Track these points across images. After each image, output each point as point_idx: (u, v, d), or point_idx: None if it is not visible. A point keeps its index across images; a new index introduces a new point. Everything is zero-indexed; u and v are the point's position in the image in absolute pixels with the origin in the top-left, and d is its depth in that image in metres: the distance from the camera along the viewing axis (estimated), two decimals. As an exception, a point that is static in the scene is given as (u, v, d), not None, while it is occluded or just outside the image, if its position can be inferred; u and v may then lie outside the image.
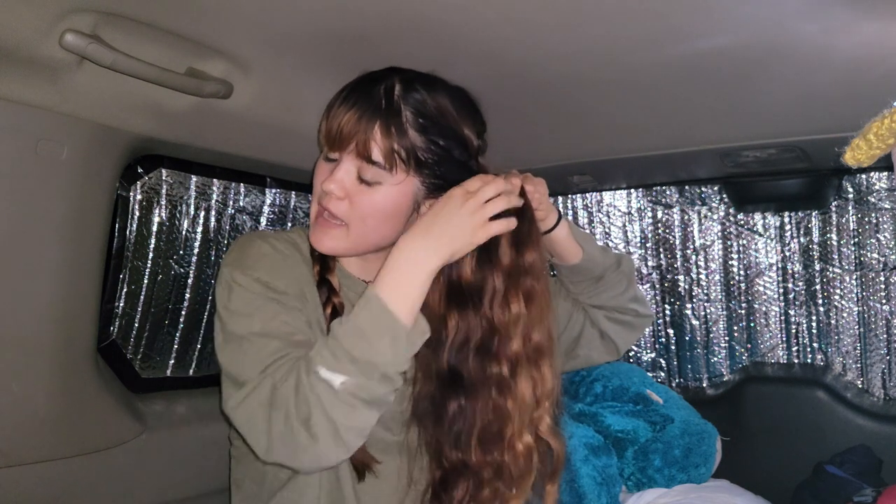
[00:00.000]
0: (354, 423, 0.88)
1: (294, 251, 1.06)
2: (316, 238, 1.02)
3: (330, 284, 1.05)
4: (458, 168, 1.03)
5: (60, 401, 1.13)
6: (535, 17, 0.93)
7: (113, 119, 1.04)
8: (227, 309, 0.98)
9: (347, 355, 0.87)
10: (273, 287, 0.98)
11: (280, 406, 0.88)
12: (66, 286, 1.09)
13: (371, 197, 0.99)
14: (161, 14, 0.96)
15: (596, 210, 2.15)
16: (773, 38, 0.96)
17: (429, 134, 0.99)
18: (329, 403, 0.86)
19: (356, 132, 0.97)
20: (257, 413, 0.89)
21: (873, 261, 1.83)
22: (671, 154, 1.47)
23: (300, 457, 0.89)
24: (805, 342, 1.94)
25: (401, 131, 0.97)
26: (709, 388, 2.05)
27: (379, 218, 1.00)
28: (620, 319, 1.27)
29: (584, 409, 1.84)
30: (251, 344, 0.94)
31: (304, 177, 1.58)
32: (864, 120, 0.66)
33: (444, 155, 1.01)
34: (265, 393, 0.89)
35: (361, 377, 0.87)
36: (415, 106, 0.99)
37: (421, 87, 1.01)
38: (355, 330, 0.89)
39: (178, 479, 1.39)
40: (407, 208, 1.02)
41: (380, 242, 1.04)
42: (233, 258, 1.01)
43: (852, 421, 1.80)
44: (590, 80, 1.15)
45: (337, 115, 0.99)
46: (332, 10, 0.95)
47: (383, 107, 0.97)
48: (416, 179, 1.00)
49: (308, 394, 0.86)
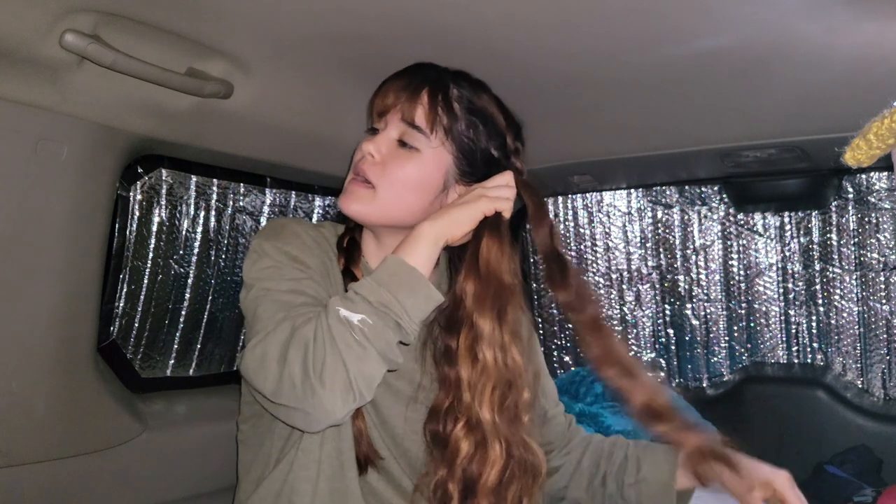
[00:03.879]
0: (365, 368, 0.89)
1: (324, 241, 1.10)
2: (343, 200, 1.06)
3: (354, 276, 1.07)
4: (492, 163, 1.08)
5: (60, 401, 1.13)
6: (536, 17, 0.93)
7: (113, 119, 1.04)
8: (255, 274, 1.01)
9: (364, 300, 0.91)
10: (301, 261, 1.03)
11: (299, 346, 0.89)
12: (66, 286, 1.09)
13: (406, 164, 1.03)
14: (161, 14, 0.96)
15: (596, 210, 2.15)
16: (773, 38, 0.96)
17: (471, 114, 1.05)
18: (344, 344, 0.88)
19: (404, 97, 1.03)
20: (272, 352, 0.90)
21: (873, 261, 1.83)
22: (671, 154, 1.47)
23: (306, 404, 0.88)
24: (805, 342, 1.94)
25: (447, 101, 1.03)
26: (709, 388, 2.05)
27: (408, 186, 1.04)
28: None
29: (584, 409, 1.84)
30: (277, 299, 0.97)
31: (304, 177, 1.58)
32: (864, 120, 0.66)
33: (482, 143, 1.06)
34: (284, 334, 0.91)
35: (378, 319, 0.90)
36: (462, 89, 1.06)
37: (473, 82, 1.08)
38: (375, 280, 0.93)
39: (178, 478, 1.39)
40: (437, 184, 1.05)
41: (403, 216, 1.05)
42: (266, 233, 1.06)
43: (852, 421, 1.80)
44: (590, 80, 1.15)
45: (387, 86, 1.06)
46: (332, 10, 0.95)
47: (434, 78, 1.05)
48: (450, 157, 1.05)
49: (325, 336, 0.88)
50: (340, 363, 0.87)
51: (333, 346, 0.88)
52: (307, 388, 0.87)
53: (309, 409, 0.88)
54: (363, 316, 0.89)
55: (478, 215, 1.02)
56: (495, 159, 1.07)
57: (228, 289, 1.58)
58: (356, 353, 0.88)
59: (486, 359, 0.99)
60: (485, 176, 1.06)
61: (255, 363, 0.92)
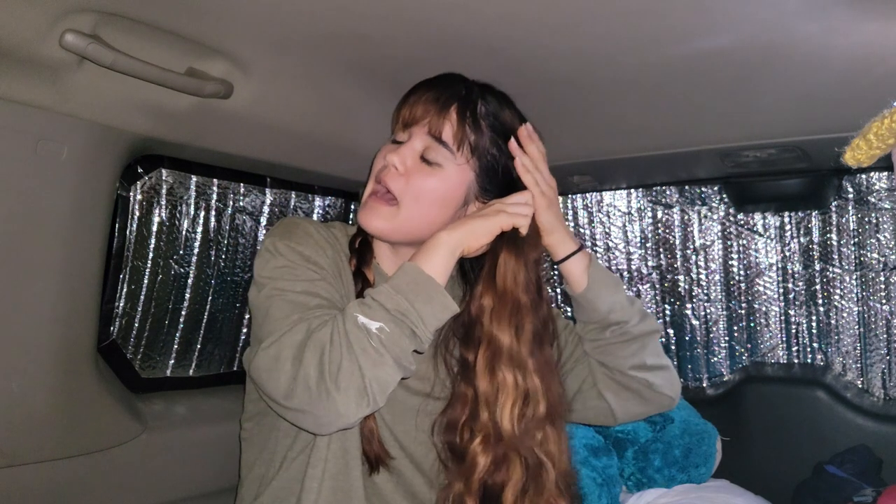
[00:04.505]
0: (381, 374, 0.89)
1: (335, 241, 1.10)
2: (365, 216, 1.05)
3: (365, 277, 1.08)
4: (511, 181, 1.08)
5: (60, 401, 1.13)
6: (536, 17, 0.93)
7: (113, 119, 1.04)
8: (267, 273, 1.01)
9: (382, 307, 0.91)
10: (314, 261, 1.03)
11: (315, 349, 0.89)
12: (66, 286, 1.09)
13: (429, 178, 1.03)
14: (161, 14, 0.96)
15: (596, 210, 2.15)
16: (773, 38, 0.96)
17: (497, 134, 1.06)
18: (360, 349, 0.88)
19: (432, 111, 1.03)
20: (287, 354, 0.90)
21: (873, 261, 1.83)
22: (671, 154, 1.47)
23: (319, 406, 0.88)
24: (805, 342, 1.94)
25: (475, 120, 1.03)
26: (709, 388, 2.05)
27: (431, 201, 1.04)
28: (624, 384, 1.15)
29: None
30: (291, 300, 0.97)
31: (304, 177, 1.58)
32: (864, 120, 0.66)
33: (505, 161, 1.07)
34: (299, 336, 0.91)
35: (395, 327, 0.90)
36: (489, 106, 1.06)
37: (499, 96, 1.09)
38: (392, 287, 0.93)
39: (178, 479, 1.39)
40: (458, 200, 1.05)
41: (424, 230, 1.05)
42: (278, 232, 1.05)
43: (852, 421, 1.79)
44: (590, 80, 1.15)
45: (415, 96, 1.05)
46: (332, 10, 0.95)
47: (463, 94, 1.04)
48: (473, 174, 1.05)
49: (342, 340, 0.88)
50: (357, 368, 0.87)
51: (350, 350, 0.88)
52: (322, 391, 0.87)
53: (322, 411, 0.88)
54: (381, 324, 0.90)
55: (496, 229, 1.02)
56: (514, 177, 1.08)
57: (228, 289, 1.58)
58: (373, 359, 0.88)
59: (506, 377, 0.99)
60: (503, 192, 1.07)
61: (269, 362, 0.92)
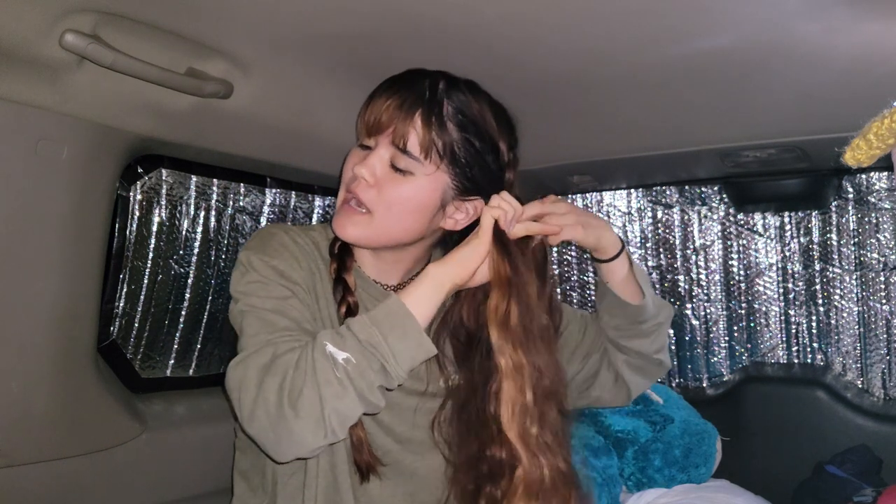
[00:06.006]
0: (341, 406, 0.88)
1: (313, 248, 1.08)
2: (339, 224, 1.03)
3: (345, 283, 1.06)
4: (488, 175, 1.05)
5: (60, 401, 1.13)
6: (536, 16, 0.93)
7: (113, 119, 1.04)
8: (241, 288, 1.00)
9: (354, 337, 0.89)
10: (287, 276, 1.01)
11: (277, 373, 0.88)
12: (66, 286, 1.09)
13: (401, 187, 1.00)
14: (161, 14, 0.96)
15: (596, 210, 2.15)
16: (773, 38, 0.96)
17: (466, 132, 1.01)
18: (324, 379, 0.86)
19: (396, 119, 0.99)
20: (251, 376, 0.90)
21: (873, 261, 1.83)
22: (671, 154, 1.47)
23: (277, 431, 0.88)
24: (805, 342, 1.94)
25: (440, 123, 0.99)
26: (709, 388, 2.05)
27: (405, 209, 1.01)
28: (641, 367, 1.21)
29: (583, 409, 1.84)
30: (261, 317, 0.96)
31: (304, 177, 1.58)
32: (864, 120, 0.66)
33: (478, 158, 1.03)
34: (265, 358, 0.91)
35: (362, 359, 0.88)
36: (457, 103, 1.01)
37: (465, 88, 1.03)
38: (369, 319, 0.91)
39: (178, 479, 1.39)
40: (434, 205, 1.03)
41: (401, 237, 1.04)
42: (253, 245, 1.04)
43: (852, 421, 1.79)
44: (590, 80, 1.15)
45: (378, 101, 1.01)
46: (332, 9, 0.95)
47: (426, 97, 0.99)
48: (447, 177, 1.02)
49: (307, 367, 0.87)
50: (317, 397, 0.86)
51: (314, 378, 0.87)
52: (280, 416, 0.87)
53: (280, 437, 0.88)
54: (348, 354, 0.88)
55: (482, 249, 1.00)
56: (490, 171, 1.06)
57: (228, 289, 1.58)
58: (334, 391, 0.87)
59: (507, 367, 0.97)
60: (481, 188, 1.05)
61: (235, 382, 0.92)
